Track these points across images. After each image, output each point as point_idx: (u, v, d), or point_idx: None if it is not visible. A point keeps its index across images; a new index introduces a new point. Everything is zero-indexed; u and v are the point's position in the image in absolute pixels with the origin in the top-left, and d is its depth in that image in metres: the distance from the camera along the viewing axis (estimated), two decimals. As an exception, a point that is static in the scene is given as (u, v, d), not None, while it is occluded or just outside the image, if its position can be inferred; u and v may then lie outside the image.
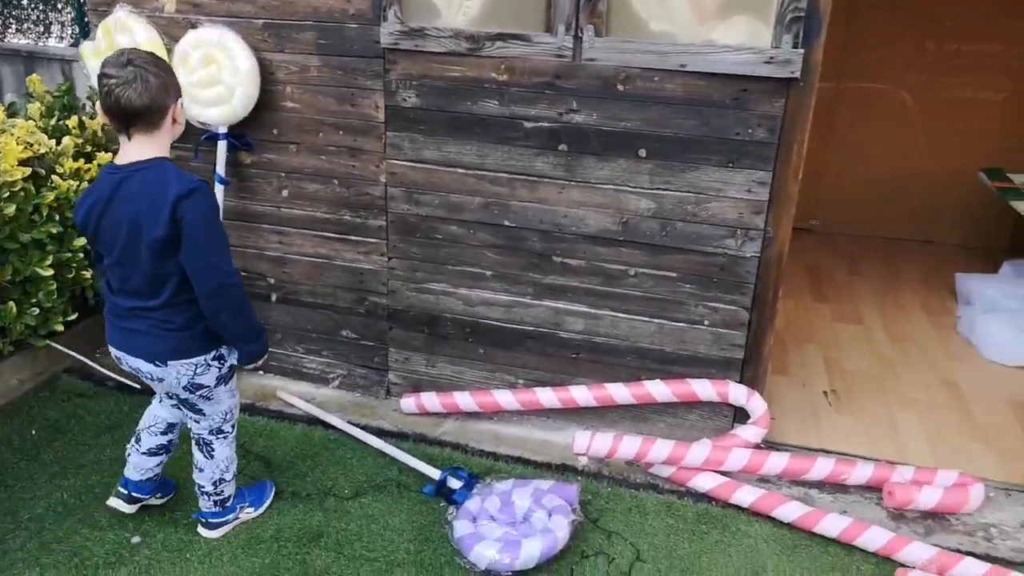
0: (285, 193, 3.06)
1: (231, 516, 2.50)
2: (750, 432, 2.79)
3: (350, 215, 3.02)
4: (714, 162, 2.58)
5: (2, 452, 2.82)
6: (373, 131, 2.86)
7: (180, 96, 2.12)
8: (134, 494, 2.49)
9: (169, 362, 2.16)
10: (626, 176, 2.68)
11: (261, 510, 2.57)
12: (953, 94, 4.61)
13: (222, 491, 2.44)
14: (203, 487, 2.43)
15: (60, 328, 3.14)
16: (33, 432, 2.94)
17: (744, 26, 2.44)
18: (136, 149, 2.05)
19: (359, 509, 2.60)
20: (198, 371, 2.21)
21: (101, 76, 1.98)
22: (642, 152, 2.63)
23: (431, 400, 3.07)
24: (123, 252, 2.07)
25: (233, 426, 2.43)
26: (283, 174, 3.03)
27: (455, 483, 2.63)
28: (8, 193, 2.80)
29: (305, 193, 3.03)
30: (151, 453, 2.46)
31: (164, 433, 2.46)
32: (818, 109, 4.64)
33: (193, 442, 2.41)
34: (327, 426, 3.02)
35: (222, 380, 2.29)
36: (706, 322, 2.79)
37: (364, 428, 2.98)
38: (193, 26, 2.88)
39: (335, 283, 3.14)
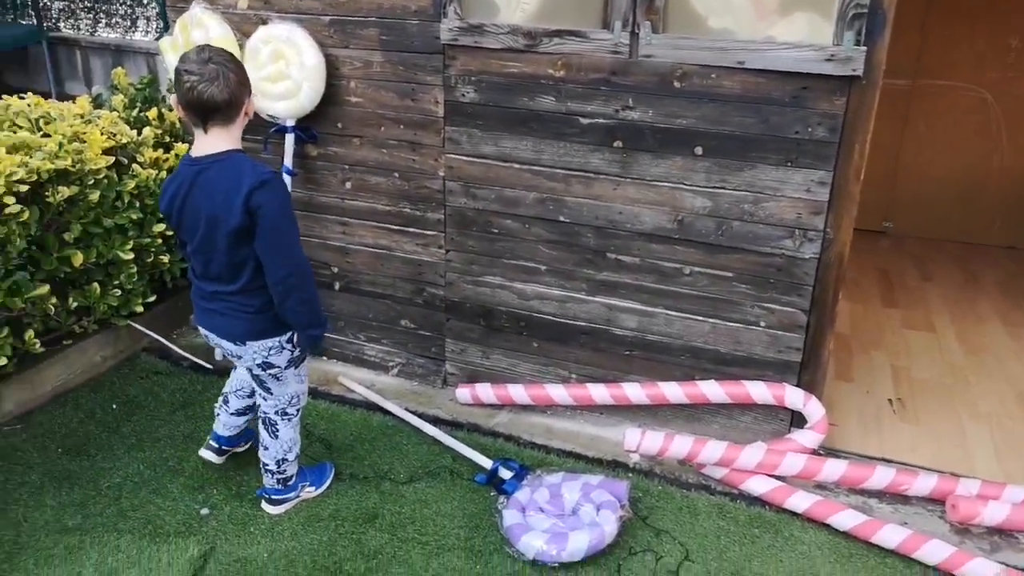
0: (348, 185, 3.16)
1: (292, 494, 2.61)
2: (807, 437, 2.73)
3: (410, 207, 3.09)
4: (772, 161, 2.54)
5: (86, 424, 3.01)
6: (432, 125, 2.93)
7: (251, 91, 2.22)
8: (223, 447, 2.73)
9: (247, 342, 2.29)
10: (682, 174, 2.66)
11: (321, 490, 2.68)
12: (1041, 92, 4.38)
13: (284, 470, 2.56)
14: (267, 465, 2.55)
15: (140, 309, 3.33)
16: (114, 406, 3.12)
17: (805, 23, 2.39)
18: (212, 142, 2.16)
19: (413, 494, 2.67)
20: (272, 352, 2.33)
21: (182, 72, 2.08)
22: (698, 150, 2.61)
23: (486, 391, 3.12)
24: (203, 240, 2.18)
25: (298, 411, 2.54)
26: (347, 166, 3.13)
27: (506, 473, 2.67)
28: (93, 180, 2.98)
29: (367, 185, 3.12)
30: (238, 413, 2.67)
31: (250, 396, 2.63)
32: (892, 107, 4.54)
33: (260, 421, 2.54)
34: (385, 412, 3.10)
35: (293, 363, 2.40)
36: (762, 323, 2.75)
37: (420, 416, 3.05)
38: (263, 22, 2.99)
39: (395, 274, 3.22)
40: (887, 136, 4.62)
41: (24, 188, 2.72)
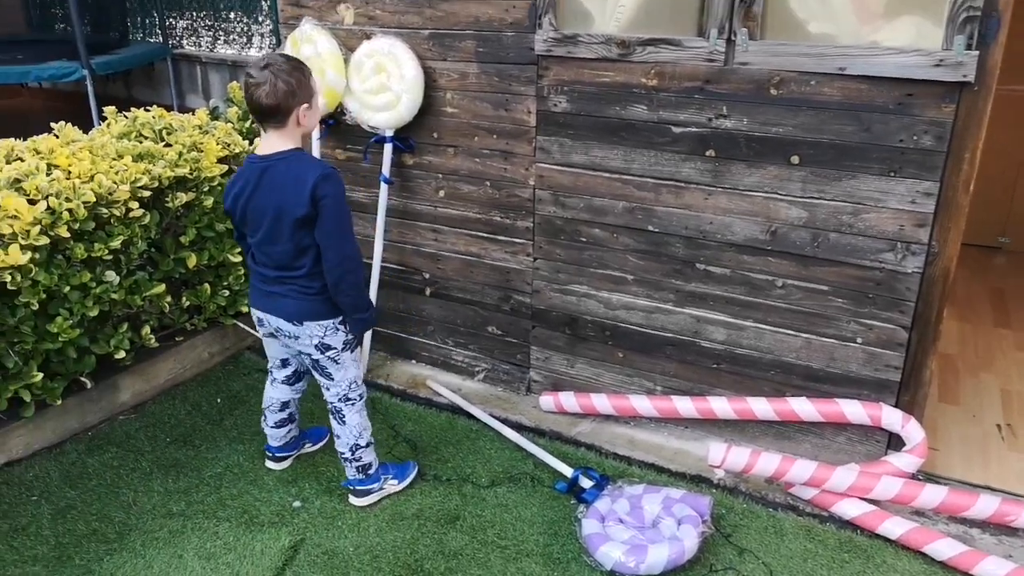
0: (442, 193, 3.24)
1: (375, 485, 2.69)
2: (904, 460, 2.60)
3: (500, 216, 3.14)
4: (874, 170, 2.45)
5: (193, 416, 3.20)
6: (524, 135, 2.97)
7: (308, 101, 2.34)
8: (277, 455, 2.87)
9: (305, 322, 2.44)
10: (776, 183, 2.59)
11: (403, 484, 2.76)
12: None
13: (360, 456, 2.64)
14: (343, 454, 2.66)
15: (245, 310, 3.51)
16: (219, 400, 3.31)
17: (911, 26, 2.29)
18: (272, 141, 2.34)
19: (494, 498, 2.71)
20: (327, 332, 2.47)
21: (245, 75, 2.29)
22: (794, 159, 2.54)
23: (569, 400, 3.13)
24: (269, 231, 2.35)
25: (360, 396, 2.64)
26: (440, 175, 3.22)
27: (586, 482, 2.67)
28: (208, 187, 3.18)
29: (460, 194, 3.20)
30: (278, 425, 2.80)
31: (282, 410, 2.79)
32: (1013, 116, 4.26)
33: (329, 414, 2.66)
34: (470, 416, 3.16)
35: (347, 346, 2.54)
36: (859, 340, 2.64)
37: (504, 421, 3.09)
38: (367, 37, 3.12)
39: (483, 280, 3.28)
40: (1008, 146, 4.35)
41: (147, 194, 2.93)
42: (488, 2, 2.87)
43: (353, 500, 2.70)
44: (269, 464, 2.88)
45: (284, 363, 2.72)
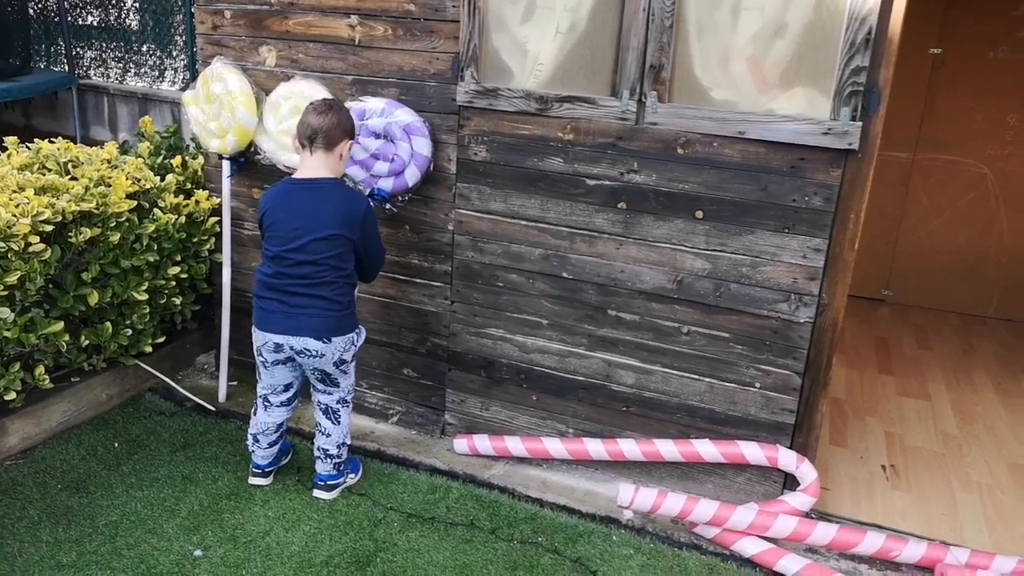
0: (360, 236, 3.25)
1: (342, 479, 2.92)
2: (799, 499, 2.75)
3: (418, 259, 3.18)
4: (770, 227, 2.64)
5: (88, 461, 3.04)
6: (444, 182, 3.04)
7: (353, 140, 2.74)
8: (267, 469, 2.96)
9: (334, 338, 2.64)
10: (682, 236, 2.75)
11: (359, 477, 3.01)
12: (1037, 169, 4.51)
13: (342, 454, 2.88)
14: (328, 451, 2.85)
15: (148, 350, 3.39)
16: (116, 444, 3.16)
17: (803, 97, 2.51)
18: (316, 166, 2.64)
19: (406, 542, 2.69)
20: (347, 346, 2.70)
21: (309, 103, 2.69)
22: (699, 214, 2.71)
23: (483, 443, 3.16)
24: (308, 247, 2.57)
25: (353, 397, 2.89)
26: (359, 218, 3.23)
27: None
28: (115, 223, 3.08)
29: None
30: (270, 445, 2.91)
31: (275, 431, 2.91)
32: (894, 179, 4.67)
33: (320, 412, 2.85)
34: (383, 459, 3.14)
35: (354, 356, 2.80)
36: (757, 384, 2.80)
37: (417, 465, 3.09)
38: (288, 79, 3.14)
39: (400, 323, 3.30)
40: (889, 206, 4.74)
41: (49, 228, 2.82)
42: (412, 52, 2.95)
43: (320, 494, 2.89)
44: (256, 480, 2.94)
45: (287, 387, 2.83)
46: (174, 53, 5.72)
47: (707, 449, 2.84)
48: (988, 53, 4.42)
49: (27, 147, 3.29)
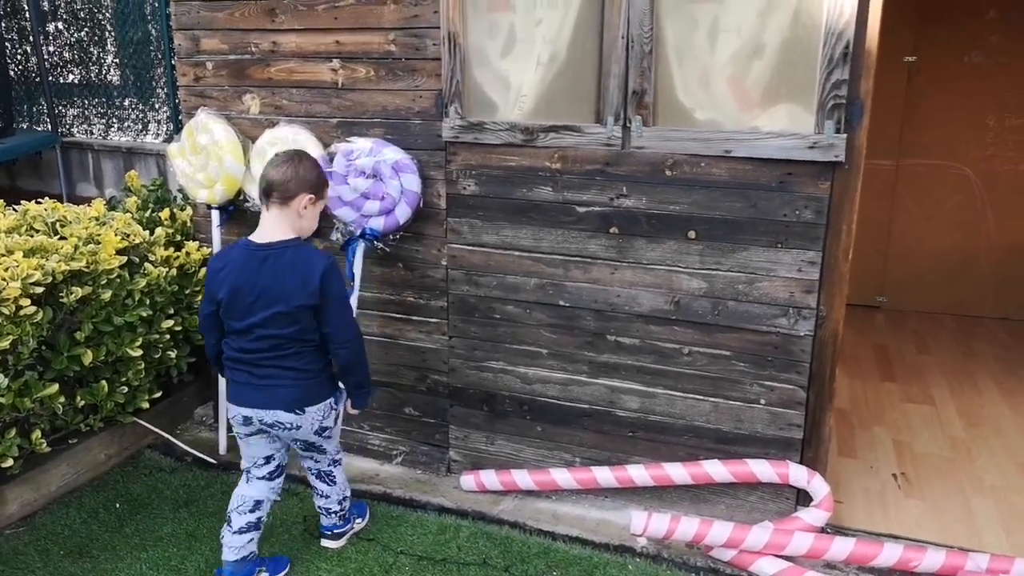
0: (353, 277, 3.24)
1: (349, 527, 2.88)
2: (813, 515, 2.72)
3: (413, 296, 3.17)
4: (763, 243, 2.64)
5: (89, 524, 2.99)
6: (435, 217, 3.04)
7: (316, 195, 2.47)
8: None
9: (307, 409, 2.48)
10: (676, 257, 2.75)
11: (366, 520, 2.97)
12: (1020, 168, 4.54)
13: (345, 506, 2.83)
14: (330, 508, 2.80)
15: (145, 406, 3.35)
16: (117, 505, 3.11)
17: (787, 113, 2.53)
18: (272, 228, 2.44)
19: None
20: (325, 415, 2.55)
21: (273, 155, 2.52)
22: (691, 234, 2.71)
23: (490, 478, 3.12)
24: (270, 318, 2.39)
25: (342, 455, 2.81)
26: (352, 259, 3.22)
27: None
28: (106, 280, 3.06)
29: (372, 276, 3.20)
30: (242, 531, 2.60)
31: (252, 511, 2.61)
32: (880, 187, 4.70)
33: (313, 476, 2.76)
34: (389, 501, 3.10)
35: (335, 421, 2.65)
36: (762, 401, 2.78)
37: (425, 505, 3.05)
38: (272, 125, 3.15)
39: (399, 362, 3.27)
40: (878, 214, 4.77)
41: (39, 290, 2.80)
42: (396, 92, 2.97)
43: (328, 543, 2.84)
44: None
45: (268, 459, 2.62)
46: (156, 106, 5.74)
47: (717, 469, 2.81)
48: (962, 58, 4.49)
49: (14, 209, 3.28)
